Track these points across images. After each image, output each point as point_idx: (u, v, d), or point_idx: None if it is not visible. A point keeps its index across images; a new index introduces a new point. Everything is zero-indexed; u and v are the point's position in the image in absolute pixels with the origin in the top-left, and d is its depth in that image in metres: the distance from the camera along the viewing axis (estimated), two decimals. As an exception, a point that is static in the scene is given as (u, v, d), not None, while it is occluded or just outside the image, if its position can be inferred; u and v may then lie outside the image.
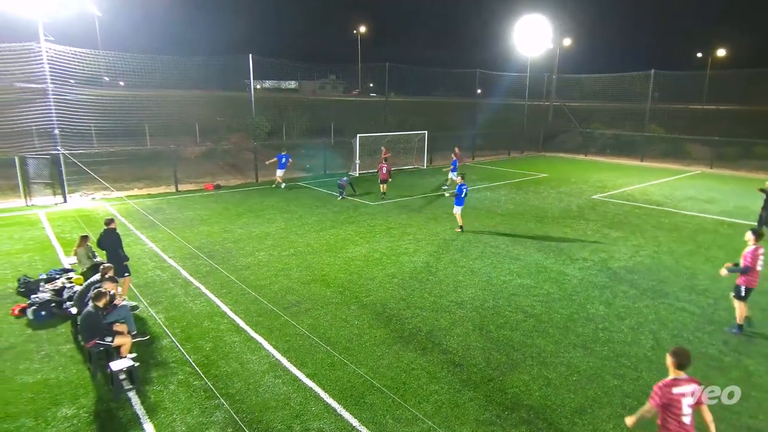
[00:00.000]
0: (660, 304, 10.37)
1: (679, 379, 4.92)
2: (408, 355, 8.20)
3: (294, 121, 34.82)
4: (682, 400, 4.81)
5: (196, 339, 8.65)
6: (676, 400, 4.80)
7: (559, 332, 9.07)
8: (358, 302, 10.24)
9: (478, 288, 11.08)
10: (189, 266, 12.20)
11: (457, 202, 15.46)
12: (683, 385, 4.87)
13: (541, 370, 7.80)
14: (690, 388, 4.87)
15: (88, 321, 7.49)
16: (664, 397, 4.84)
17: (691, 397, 4.84)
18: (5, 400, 6.93)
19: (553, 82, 43.66)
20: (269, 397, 7.02)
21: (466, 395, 7.14)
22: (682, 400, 4.80)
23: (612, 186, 24.45)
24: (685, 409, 4.81)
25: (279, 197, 20.62)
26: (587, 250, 13.93)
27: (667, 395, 4.83)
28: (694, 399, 4.86)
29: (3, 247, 13.54)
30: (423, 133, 29.96)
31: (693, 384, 4.92)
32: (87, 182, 20.60)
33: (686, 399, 4.82)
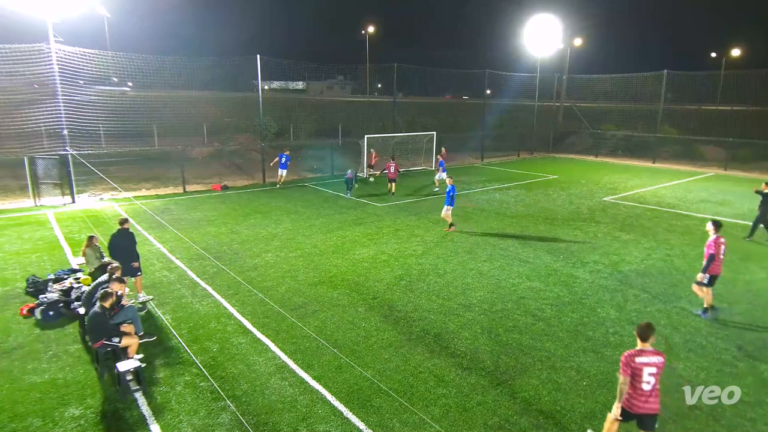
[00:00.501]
0: (672, 308, 10.27)
1: (644, 351, 5.48)
2: (415, 358, 8.18)
3: (301, 122, 34.96)
4: (644, 369, 5.37)
5: (203, 340, 8.69)
6: (638, 368, 5.39)
7: (569, 336, 9.00)
8: (365, 304, 10.24)
9: (487, 291, 11.03)
10: (196, 267, 12.27)
11: (449, 202, 15.48)
12: (647, 356, 5.42)
13: (550, 375, 7.75)
14: (654, 359, 5.41)
15: (95, 321, 7.55)
16: (630, 367, 5.40)
17: (653, 367, 5.38)
18: (14, 400, 7.01)
19: (564, 83, 43.44)
20: (276, 400, 7.03)
21: (474, 399, 7.10)
22: (643, 369, 5.37)
23: (623, 188, 24.27)
24: (646, 377, 5.37)
25: (286, 198, 20.68)
26: (598, 253, 13.83)
27: (631, 365, 5.40)
28: (657, 369, 5.38)
29: (12, 247, 13.70)
30: (432, 134, 29.93)
31: (658, 356, 5.45)
32: (95, 183, 20.81)
33: (648, 368, 5.38)
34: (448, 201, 15.52)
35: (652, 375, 5.39)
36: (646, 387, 5.41)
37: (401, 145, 29.61)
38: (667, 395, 7.26)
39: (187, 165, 23.99)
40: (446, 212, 15.65)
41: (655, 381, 5.41)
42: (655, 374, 5.40)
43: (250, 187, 23.51)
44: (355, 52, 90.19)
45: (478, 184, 24.68)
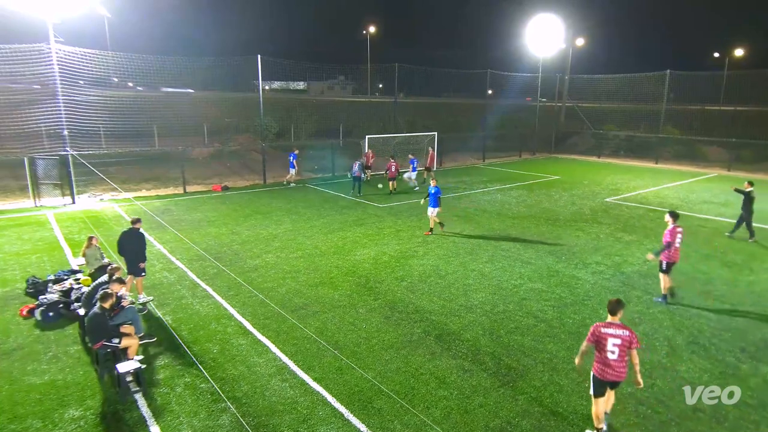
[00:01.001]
0: (675, 309, 10.25)
1: (611, 323, 6.12)
2: (417, 359, 8.18)
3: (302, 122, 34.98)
4: (609, 339, 6.00)
5: (203, 341, 8.70)
6: (604, 338, 6.04)
7: (571, 338, 8.99)
8: (366, 305, 10.24)
9: (489, 292, 11.03)
10: (196, 268, 12.28)
11: (434, 204, 15.20)
12: (613, 329, 6.06)
13: (552, 377, 7.74)
14: (619, 332, 6.01)
15: (95, 322, 7.56)
16: (594, 335, 6.12)
17: (618, 339, 5.97)
18: (13, 401, 7.01)
19: (566, 83, 43.42)
20: (276, 401, 7.03)
21: (475, 401, 7.10)
22: (608, 339, 6.00)
23: (625, 189, 24.25)
24: (610, 346, 5.99)
25: (287, 199, 20.69)
26: (600, 254, 13.82)
27: (596, 333, 6.11)
28: (622, 341, 5.96)
29: (12, 247, 13.72)
30: (433, 134, 29.93)
31: (624, 330, 6.03)
32: (95, 183, 20.85)
33: (612, 339, 5.99)
34: (433, 203, 15.20)
35: (616, 345, 5.98)
36: (611, 356, 6.00)
37: (402, 146, 29.62)
38: (670, 397, 7.26)
39: (188, 165, 24.03)
40: (432, 214, 15.39)
41: (619, 351, 5.97)
42: (619, 345, 5.97)
43: (251, 187, 23.53)
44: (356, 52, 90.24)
45: (480, 185, 24.68)
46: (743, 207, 15.29)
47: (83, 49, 19.26)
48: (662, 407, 7.02)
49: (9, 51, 17.84)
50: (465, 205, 19.85)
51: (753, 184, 15.45)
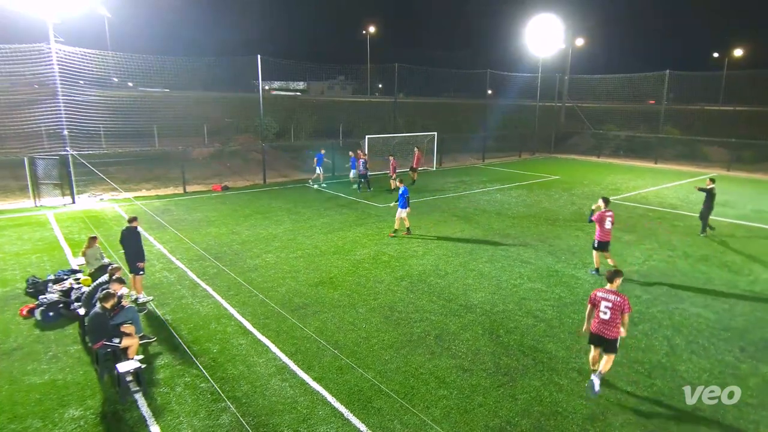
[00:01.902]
0: (674, 309, 10.26)
1: (606, 289, 7.38)
2: (416, 359, 8.18)
3: (302, 122, 34.98)
4: (602, 302, 7.30)
5: (203, 341, 8.70)
6: (597, 300, 7.36)
7: (570, 337, 9.00)
8: (365, 305, 10.24)
9: (488, 292, 11.03)
10: (196, 268, 12.28)
11: (403, 205, 14.91)
12: (606, 293, 7.32)
13: (552, 376, 7.75)
14: (611, 297, 7.25)
15: (96, 322, 7.57)
16: (592, 298, 7.45)
17: (610, 303, 7.20)
18: (13, 401, 7.02)
19: (565, 83, 43.42)
20: (276, 401, 7.04)
21: (475, 401, 7.10)
22: (601, 302, 7.30)
23: (625, 189, 24.25)
24: (602, 308, 7.28)
25: (287, 199, 20.69)
26: (600, 253, 13.81)
27: (594, 296, 7.43)
28: (613, 304, 7.17)
29: (12, 247, 13.73)
30: (432, 134, 29.93)
31: (616, 296, 7.24)
32: (95, 183, 20.85)
33: (605, 302, 7.26)
34: (402, 204, 14.89)
35: (607, 308, 7.21)
36: (603, 316, 7.27)
37: (402, 146, 29.62)
38: (669, 396, 7.26)
39: (188, 165, 24.02)
40: (400, 215, 15.05)
41: (611, 313, 7.18)
42: (610, 308, 7.20)
43: (251, 187, 23.53)
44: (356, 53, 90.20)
45: (480, 185, 24.68)
46: (704, 203, 15.70)
47: (83, 49, 19.27)
48: (662, 407, 7.03)
49: (9, 51, 17.84)
50: (464, 205, 19.85)
51: (714, 180, 16.02)
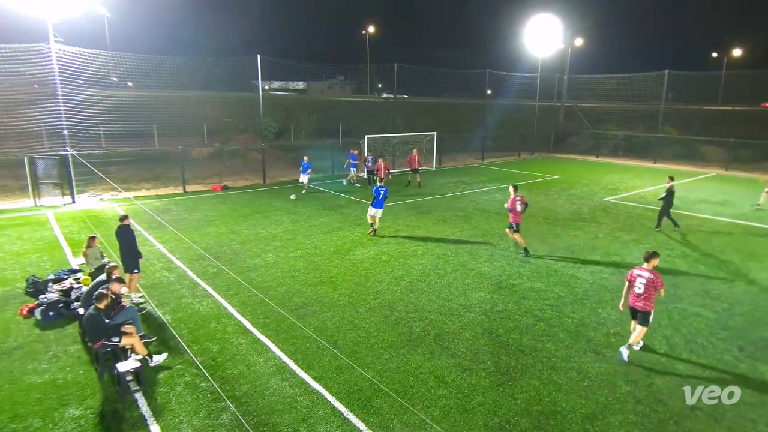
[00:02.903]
0: (673, 308, 10.27)
1: (642, 267, 8.28)
2: (416, 358, 8.19)
3: (302, 122, 34.96)
4: (637, 278, 8.20)
5: (203, 341, 8.70)
6: (634, 277, 8.26)
7: (569, 337, 9.01)
8: (365, 305, 10.25)
9: (488, 291, 11.04)
10: (196, 267, 12.28)
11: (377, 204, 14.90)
12: (642, 270, 8.21)
13: (551, 375, 7.75)
14: (645, 274, 8.12)
15: (91, 322, 7.57)
16: (630, 275, 8.34)
17: (644, 279, 8.09)
18: (14, 401, 7.02)
19: (565, 83, 43.43)
20: (276, 400, 7.04)
21: (474, 400, 7.11)
22: (637, 278, 8.21)
23: (624, 188, 24.26)
24: (637, 283, 8.18)
25: (286, 198, 20.68)
26: (599, 253, 13.83)
27: (631, 273, 8.34)
28: (647, 281, 8.05)
29: (12, 247, 13.72)
30: (432, 134, 29.93)
31: (650, 273, 8.10)
32: (95, 183, 20.83)
33: (640, 278, 8.15)
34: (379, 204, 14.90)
35: (642, 283, 8.12)
36: (637, 290, 8.17)
37: (402, 145, 29.62)
38: (668, 396, 7.27)
39: (187, 165, 24.00)
40: (376, 213, 15.03)
41: (644, 288, 8.07)
42: (644, 283, 8.08)
43: (251, 187, 23.52)
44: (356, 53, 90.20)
45: (479, 185, 24.69)
46: (664, 200, 16.02)
47: (83, 49, 19.25)
48: (661, 406, 7.04)
49: (9, 51, 17.82)
50: (464, 204, 19.85)
51: (673, 178, 16.51)
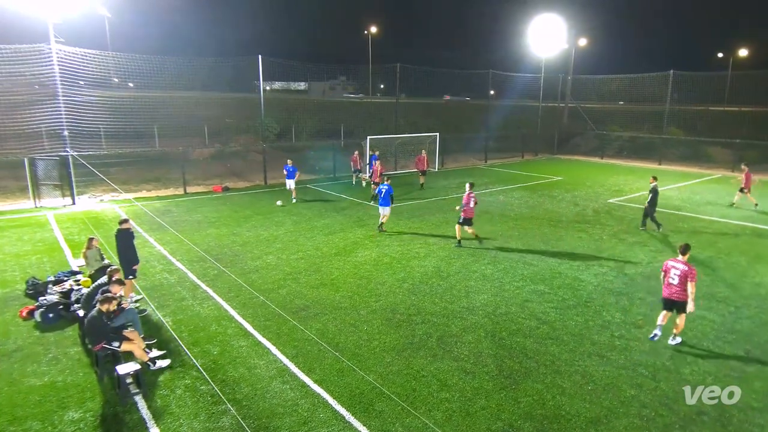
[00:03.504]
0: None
1: (677, 259, 8.72)
2: (418, 361, 8.17)
3: (303, 123, 35.00)
4: (671, 270, 8.66)
5: (204, 343, 8.70)
6: (668, 269, 8.74)
7: (573, 340, 8.98)
8: (367, 307, 10.23)
9: (490, 294, 11.02)
10: (197, 269, 12.29)
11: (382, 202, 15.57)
12: (676, 262, 8.67)
13: (555, 379, 7.73)
14: (679, 266, 8.57)
15: (93, 324, 7.58)
16: (665, 267, 8.84)
17: (678, 270, 8.53)
18: (13, 403, 7.02)
19: (568, 83, 43.38)
20: (277, 403, 7.03)
21: (477, 404, 7.09)
22: (671, 270, 8.66)
23: (629, 190, 24.21)
24: (671, 275, 8.64)
25: (287, 200, 20.68)
26: (603, 255, 13.80)
27: (665, 265, 8.84)
28: (681, 272, 8.48)
29: (12, 248, 13.75)
30: (434, 135, 29.92)
31: (684, 265, 8.54)
32: (95, 184, 20.88)
33: (674, 270, 8.61)
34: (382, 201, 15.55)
35: (676, 275, 8.54)
36: (672, 281, 8.61)
37: (403, 146, 29.62)
38: (674, 400, 7.24)
39: (188, 166, 24.06)
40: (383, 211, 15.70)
41: (678, 279, 8.49)
42: (678, 275, 8.50)
43: (252, 188, 23.55)
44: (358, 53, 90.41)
45: (482, 186, 24.66)
46: (649, 200, 16.10)
47: (83, 49, 19.31)
48: (666, 410, 7.01)
49: (9, 51, 17.88)
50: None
51: (657, 178, 16.54)
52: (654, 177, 16.67)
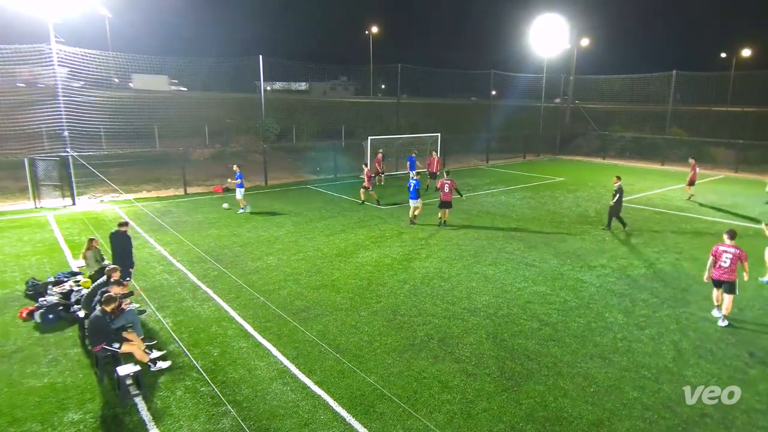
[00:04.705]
0: (682, 313, 10.22)
1: (727, 244, 9.67)
2: (419, 363, 8.17)
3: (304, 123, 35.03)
4: (724, 254, 9.54)
5: (204, 344, 8.70)
6: (719, 253, 9.61)
7: (576, 341, 8.97)
8: (368, 308, 10.24)
9: (492, 295, 11.01)
10: (197, 270, 12.30)
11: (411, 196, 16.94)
12: (726, 246, 9.61)
13: (557, 381, 7.72)
14: (730, 249, 9.52)
15: (95, 325, 7.58)
16: (715, 251, 9.68)
17: (729, 254, 9.47)
18: (12, 405, 7.03)
19: (570, 83, 43.38)
20: (277, 405, 7.03)
21: (479, 406, 7.09)
22: (723, 254, 9.54)
23: (631, 190, 24.16)
24: (723, 258, 9.53)
25: (288, 200, 20.71)
26: (605, 256, 13.79)
27: (716, 249, 9.68)
28: (733, 255, 9.44)
29: (12, 249, 13.77)
30: (436, 135, 29.92)
31: (735, 249, 9.53)
32: (96, 184, 20.91)
33: (726, 253, 9.52)
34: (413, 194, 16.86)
35: (728, 258, 9.46)
36: (723, 264, 9.52)
37: (405, 147, 29.60)
38: (676, 402, 7.23)
39: (188, 167, 24.06)
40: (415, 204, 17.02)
41: (730, 262, 9.43)
42: (730, 258, 9.43)
43: (252, 189, 23.54)
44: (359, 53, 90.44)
45: (484, 187, 24.66)
46: (615, 201, 16.14)
47: (84, 49, 19.34)
48: (669, 412, 7.00)
49: (10, 51, 17.92)
50: (468, 207, 19.83)
51: (620, 178, 16.54)
52: (618, 177, 16.67)
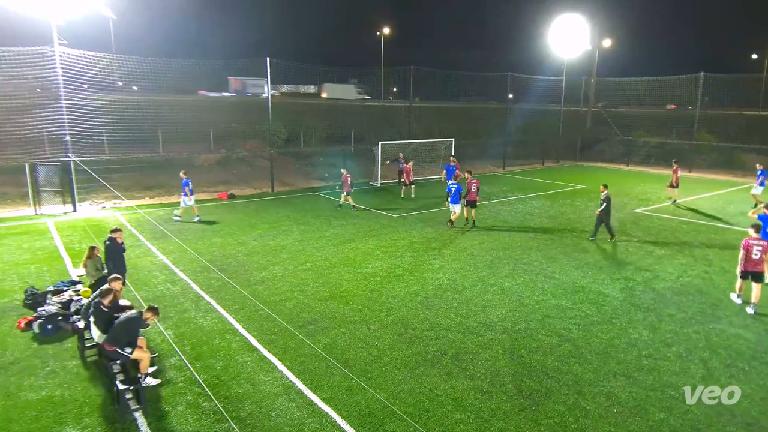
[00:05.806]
0: (711, 329, 10.06)
1: (755, 237, 10.91)
2: (432, 380, 8.12)
3: (312, 128, 35.22)
4: (754, 247, 10.76)
5: (207, 357, 8.74)
6: (750, 246, 10.80)
7: (598, 359, 8.87)
8: (378, 321, 10.22)
9: (509, 308, 10.94)
10: (200, 280, 12.38)
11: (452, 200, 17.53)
12: (756, 240, 10.84)
13: (577, 400, 7.63)
14: (761, 242, 10.78)
15: (129, 325, 7.74)
16: (746, 245, 10.85)
17: (760, 246, 10.73)
18: (9, 418, 7.10)
19: (592, 86, 43.21)
20: (282, 422, 7.02)
21: (495, 426, 7.02)
22: (754, 247, 10.76)
23: (657, 199, 23.96)
24: (755, 251, 10.73)
25: (295, 208, 20.81)
26: (629, 268, 13.65)
27: (747, 243, 10.85)
28: (762, 248, 10.71)
29: (11, 257, 13.98)
30: (450, 140, 29.93)
31: (763, 241, 10.85)
32: (97, 191, 21.17)
33: (756, 246, 10.74)
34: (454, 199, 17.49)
35: (759, 250, 10.70)
36: (754, 257, 10.73)
37: (417, 152, 29.65)
38: (707, 424, 7.09)
39: (193, 172, 24.25)
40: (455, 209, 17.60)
41: (761, 254, 10.66)
42: (761, 250, 10.68)
43: (258, 196, 23.72)
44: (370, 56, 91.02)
45: (500, 194, 24.58)
46: (604, 209, 16.09)
47: (87, 51, 19.67)
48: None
49: (12, 54, 18.28)
50: (484, 215, 19.76)
51: (607, 186, 16.56)
52: (605, 185, 16.55)
